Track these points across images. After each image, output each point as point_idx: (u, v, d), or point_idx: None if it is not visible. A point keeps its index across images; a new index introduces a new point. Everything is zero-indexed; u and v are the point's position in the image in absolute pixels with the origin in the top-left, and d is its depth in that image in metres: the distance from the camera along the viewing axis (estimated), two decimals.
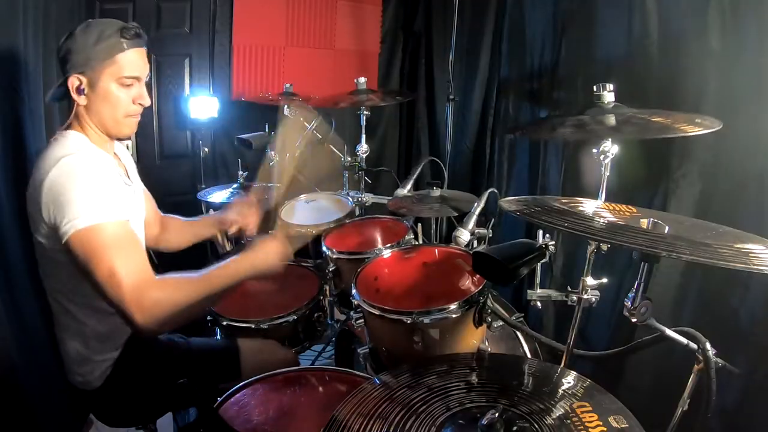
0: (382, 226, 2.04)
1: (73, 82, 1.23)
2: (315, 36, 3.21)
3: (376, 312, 1.30)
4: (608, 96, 1.22)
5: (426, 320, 1.23)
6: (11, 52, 1.68)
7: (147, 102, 1.32)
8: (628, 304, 0.98)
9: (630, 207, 1.16)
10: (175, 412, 1.63)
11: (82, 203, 1.11)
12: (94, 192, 1.14)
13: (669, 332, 1.02)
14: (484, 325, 1.31)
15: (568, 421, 0.86)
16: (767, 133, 1.45)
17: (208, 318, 1.70)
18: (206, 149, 2.83)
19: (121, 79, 1.26)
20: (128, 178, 1.42)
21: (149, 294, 1.10)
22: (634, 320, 0.98)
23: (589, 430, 0.83)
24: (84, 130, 1.29)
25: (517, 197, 1.17)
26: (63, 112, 1.54)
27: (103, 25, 1.24)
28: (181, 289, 1.15)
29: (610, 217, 1.09)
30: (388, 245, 1.73)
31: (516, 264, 1.07)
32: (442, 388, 0.98)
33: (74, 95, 1.25)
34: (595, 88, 1.24)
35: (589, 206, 1.14)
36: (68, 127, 1.29)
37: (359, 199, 2.35)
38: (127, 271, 1.09)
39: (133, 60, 1.27)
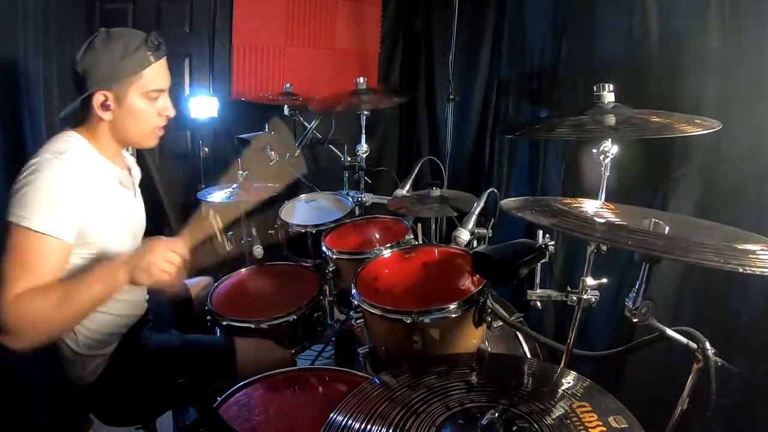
0: (382, 226, 2.04)
1: (98, 98, 1.19)
2: (315, 36, 3.21)
3: (376, 312, 1.30)
4: (608, 96, 1.22)
5: (426, 320, 1.23)
6: (11, 53, 1.68)
7: (172, 113, 1.29)
8: (630, 304, 0.98)
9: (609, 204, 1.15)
10: (175, 411, 1.63)
11: (33, 204, 1.07)
12: (52, 199, 1.09)
13: (669, 332, 1.02)
14: (484, 325, 1.31)
15: (568, 421, 0.86)
16: (767, 133, 1.45)
17: (208, 318, 1.70)
18: (206, 149, 2.83)
19: (148, 93, 1.23)
20: (132, 186, 1.41)
21: (21, 306, 1.04)
22: (635, 320, 0.98)
23: (589, 430, 0.83)
24: (93, 139, 1.24)
25: (518, 198, 1.16)
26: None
27: (126, 37, 1.19)
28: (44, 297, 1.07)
29: (610, 217, 1.09)
30: (388, 245, 1.73)
31: (515, 264, 1.07)
32: (442, 388, 0.98)
33: (99, 112, 1.20)
34: (595, 88, 1.24)
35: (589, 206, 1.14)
36: (76, 129, 1.25)
37: (359, 199, 2.35)
38: (15, 280, 1.05)
39: (159, 72, 1.24)
